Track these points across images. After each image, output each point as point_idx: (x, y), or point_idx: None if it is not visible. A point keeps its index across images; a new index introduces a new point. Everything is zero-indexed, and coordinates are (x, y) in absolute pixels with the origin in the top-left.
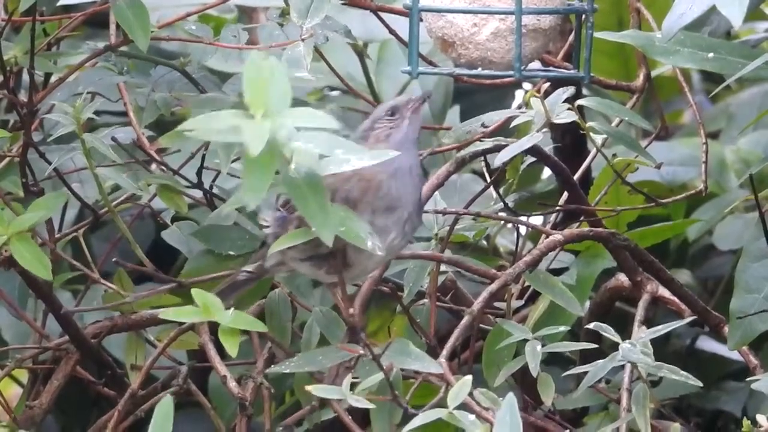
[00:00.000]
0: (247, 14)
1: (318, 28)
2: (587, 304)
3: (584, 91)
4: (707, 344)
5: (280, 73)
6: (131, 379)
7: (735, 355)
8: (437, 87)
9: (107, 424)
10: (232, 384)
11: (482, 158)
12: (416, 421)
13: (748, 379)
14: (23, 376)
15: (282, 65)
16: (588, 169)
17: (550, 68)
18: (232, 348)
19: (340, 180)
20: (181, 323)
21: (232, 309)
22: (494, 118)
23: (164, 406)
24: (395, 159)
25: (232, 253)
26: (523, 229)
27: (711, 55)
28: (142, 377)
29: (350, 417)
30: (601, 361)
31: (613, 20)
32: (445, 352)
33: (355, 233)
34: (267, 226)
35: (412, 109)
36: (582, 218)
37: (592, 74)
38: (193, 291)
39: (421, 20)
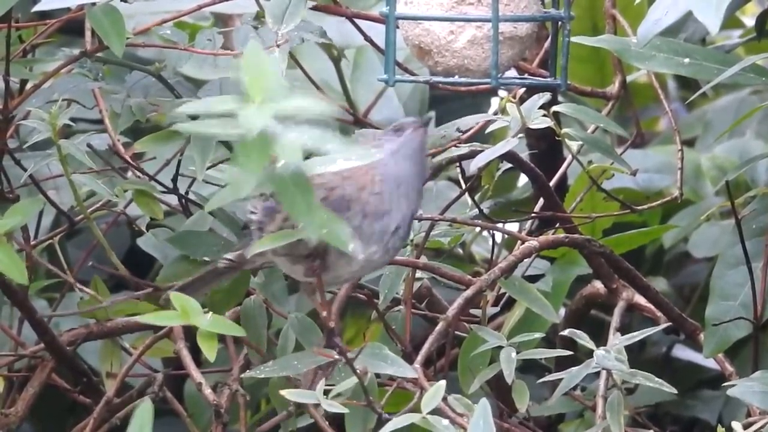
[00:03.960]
0: (222, 21)
1: (293, 32)
2: (562, 311)
3: (560, 97)
4: (683, 352)
5: (275, 65)
6: (107, 387)
7: (711, 363)
8: (413, 94)
9: None
10: (208, 391)
11: (458, 165)
12: (390, 426)
13: (723, 385)
14: None
15: (276, 61)
16: (564, 176)
17: (527, 76)
18: (210, 352)
19: (339, 178)
20: (156, 330)
21: (210, 313)
22: (470, 122)
23: (143, 411)
24: (384, 165)
25: (207, 259)
26: (498, 236)
27: (687, 60)
28: (117, 385)
29: (326, 422)
30: (575, 367)
31: (587, 26)
32: (420, 357)
33: (337, 235)
34: (254, 212)
35: (412, 128)
36: (557, 225)
37: (568, 81)
38: (171, 294)
39: (398, 27)
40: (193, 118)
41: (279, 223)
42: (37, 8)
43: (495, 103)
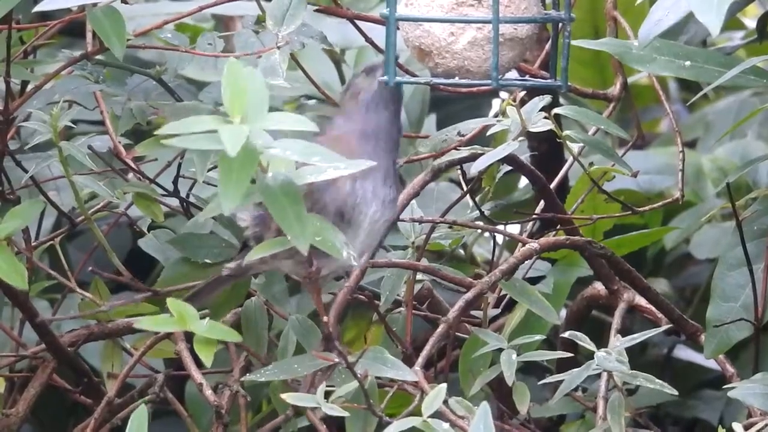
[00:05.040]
0: (224, 23)
1: (294, 35)
2: (563, 312)
3: (561, 99)
4: (684, 353)
5: (257, 81)
6: (108, 387)
7: (712, 364)
8: (414, 95)
9: None
10: (209, 392)
11: (459, 167)
12: (390, 429)
13: (724, 386)
14: None
15: (259, 74)
16: (565, 178)
17: (527, 77)
18: (207, 358)
19: None
20: (157, 331)
21: (207, 318)
22: (470, 126)
23: (138, 416)
24: (360, 122)
25: (208, 261)
26: (499, 238)
27: (688, 63)
28: (118, 385)
29: (325, 426)
30: (576, 369)
31: (588, 28)
32: (420, 360)
33: (331, 243)
34: (246, 227)
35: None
36: (558, 227)
37: (569, 83)
38: (168, 300)
39: (398, 29)
40: None
41: (275, 228)
42: (37, 8)
43: (496, 105)
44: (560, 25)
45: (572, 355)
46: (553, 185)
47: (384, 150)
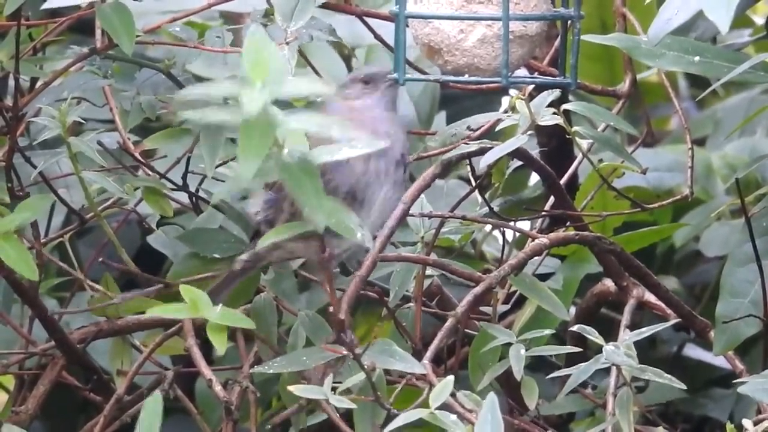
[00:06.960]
0: (233, 20)
1: (302, 29)
2: (572, 309)
3: (570, 96)
4: (694, 351)
5: (276, 49)
6: (117, 385)
7: (722, 362)
8: (424, 92)
9: (93, 430)
10: (218, 388)
11: (468, 163)
12: (398, 421)
13: (734, 381)
14: (9, 382)
15: (277, 48)
16: (574, 174)
17: (537, 74)
18: (220, 345)
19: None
20: (167, 328)
21: (220, 306)
22: (480, 120)
23: (152, 405)
24: (371, 109)
25: (217, 256)
26: (509, 234)
27: (697, 58)
28: (128, 382)
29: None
30: (584, 363)
31: (596, 24)
32: (429, 353)
33: (345, 224)
34: (257, 212)
35: (385, 84)
36: (568, 223)
37: (578, 80)
38: (181, 287)
39: (408, 26)
40: None
41: (288, 210)
42: (46, 6)
43: (505, 102)
44: (569, 21)
45: (581, 350)
46: (562, 182)
47: (399, 127)
